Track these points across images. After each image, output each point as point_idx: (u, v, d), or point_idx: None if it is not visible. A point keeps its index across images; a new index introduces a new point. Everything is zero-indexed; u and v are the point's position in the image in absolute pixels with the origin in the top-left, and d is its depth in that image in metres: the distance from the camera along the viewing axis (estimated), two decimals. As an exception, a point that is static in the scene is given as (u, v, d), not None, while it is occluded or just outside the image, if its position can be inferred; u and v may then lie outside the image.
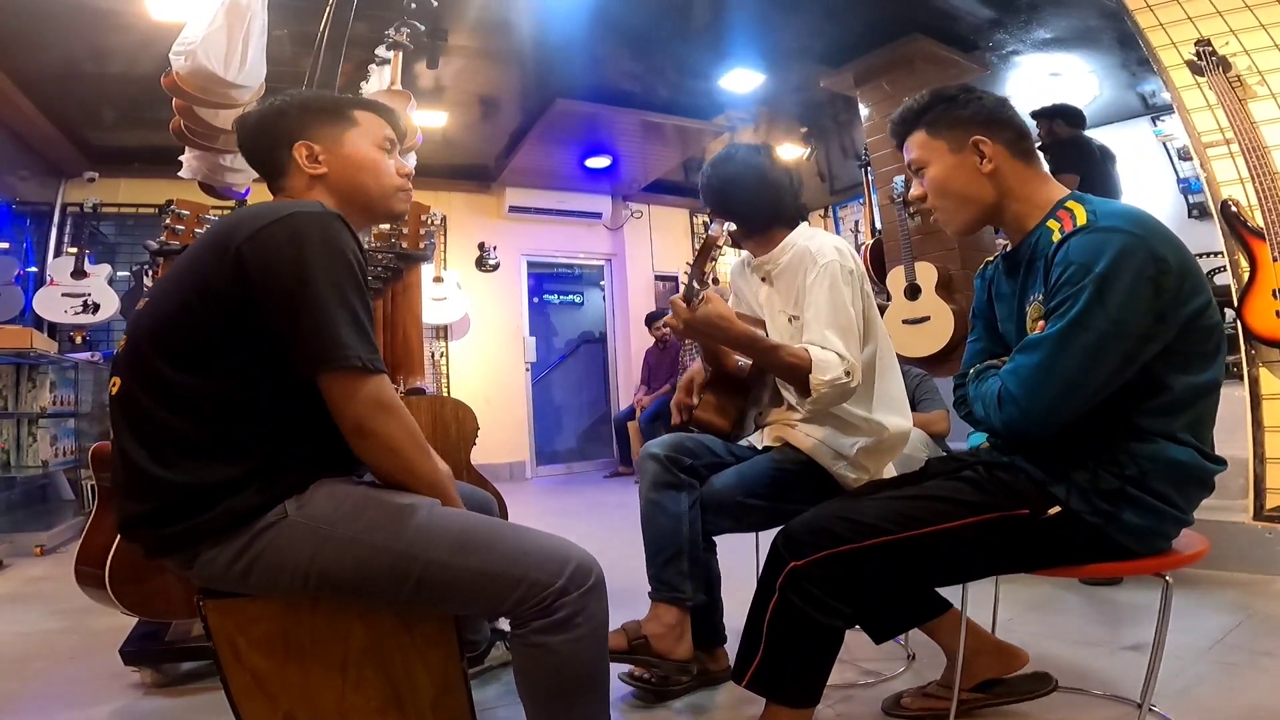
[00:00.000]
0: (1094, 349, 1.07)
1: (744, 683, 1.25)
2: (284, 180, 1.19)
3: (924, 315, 4.01)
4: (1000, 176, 1.25)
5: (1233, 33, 2.57)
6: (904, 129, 1.33)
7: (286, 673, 1.05)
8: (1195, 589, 2.18)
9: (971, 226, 1.30)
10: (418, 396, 2.19)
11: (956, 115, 1.27)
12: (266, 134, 1.20)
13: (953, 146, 1.26)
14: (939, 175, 1.28)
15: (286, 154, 1.18)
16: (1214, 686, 1.55)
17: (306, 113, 1.20)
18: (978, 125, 1.25)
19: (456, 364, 6.30)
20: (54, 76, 4.09)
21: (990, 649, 1.49)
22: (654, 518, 1.63)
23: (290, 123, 1.19)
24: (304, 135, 1.18)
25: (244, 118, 1.24)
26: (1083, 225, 1.12)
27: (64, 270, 4.78)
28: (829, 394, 1.47)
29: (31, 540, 3.51)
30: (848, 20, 4.11)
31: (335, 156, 1.19)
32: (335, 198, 1.18)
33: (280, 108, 1.20)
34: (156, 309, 1.05)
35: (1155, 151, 5.18)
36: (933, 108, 1.29)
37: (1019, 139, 1.26)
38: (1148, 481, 1.11)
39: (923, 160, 1.30)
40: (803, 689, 1.22)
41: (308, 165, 1.17)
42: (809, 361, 1.47)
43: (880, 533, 1.17)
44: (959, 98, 1.28)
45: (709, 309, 1.45)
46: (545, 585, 1.00)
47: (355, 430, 1.01)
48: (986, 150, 1.24)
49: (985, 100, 1.27)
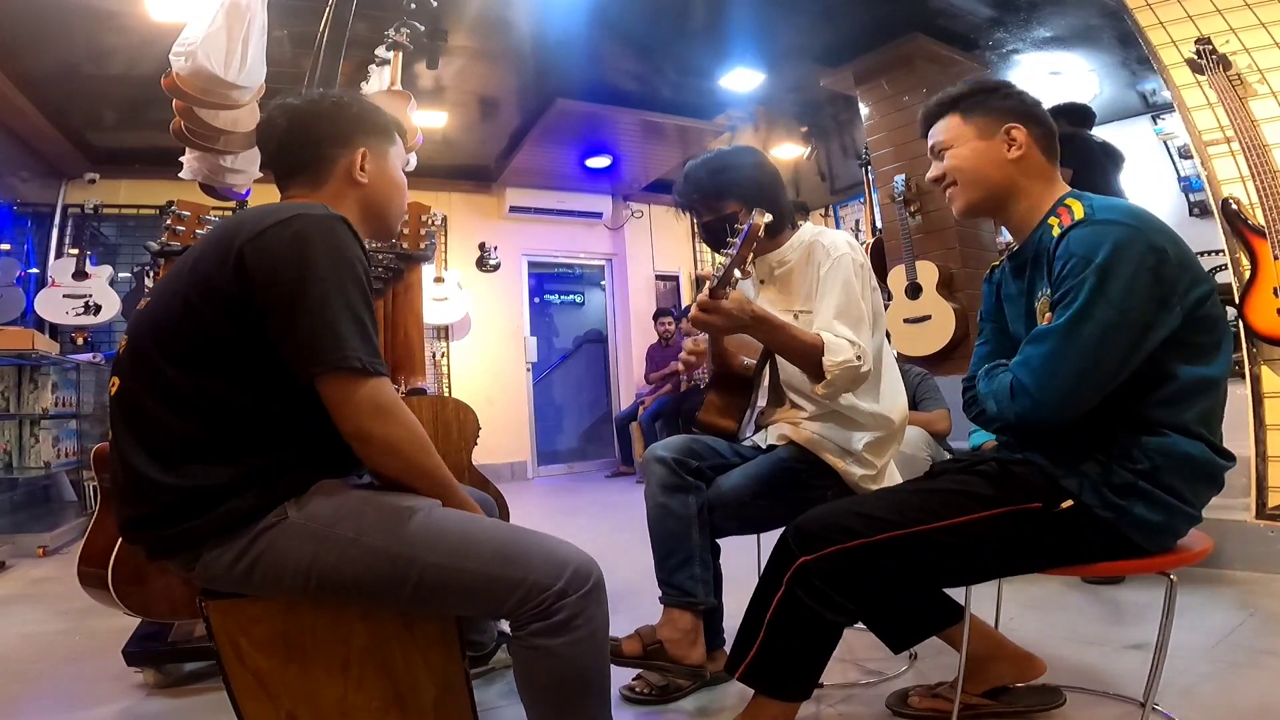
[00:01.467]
0: (1100, 337, 1.09)
1: (737, 675, 1.25)
2: (315, 179, 1.16)
3: (925, 314, 4.01)
4: (1024, 165, 1.28)
5: (1232, 31, 2.57)
6: (939, 111, 1.35)
7: (288, 673, 1.05)
8: (1198, 587, 2.18)
9: (977, 208, 1.32)
10: (419, 397, 2.20)
11: (994, 105, 1.30)
12: (326, 126, 1.16)
13: (982, 132, 1.29)
14: (963, 154, 1.30)
15: (337, 153, 1.16)
16: (1217, 685, 1.54)
17: (368, 118, 1.20)
18: (1015, 115, 1.29)
19: (458, 364, 6.30)
20: (55, 78, 4.09)
21: (1009, 656, 1.48)
22: (663, 521, 1.63)
23: (355, 123, 1.18)
24: (364, 140, 1.18)
25: (291, 105, 1.18)
26: (1081, 219, 1.15)
27: (65, 271, 4.78)
28: (841, 376, 1.47)
29: (34, 541, 3.51)
30: (848, 19, 4.11)
31: (380, 171, 1.20)
32: (360, 209, 1.19)
33: (347, 104, 1.18)
34: (158, 309, 1.05)
35: (1156, 150, 5.18)
36: (973, 95, 1.32)
37: (1047, 136, 1.30)
38: (1160, 476, 1.12)
39: (949, 142, 1.32)
40: (796, 684, 1.23)
41: (358, 173, 1.17)
42: (823, 347, 1.48)
43: (892, 526, 1.17)
44: (1000, 89, 1.32)
45: (735, 299, 1.43)
46: (544, 588, 1.00)
47: (355, 435, 1.01)
48: (1019, 138, 1.27)
49: (1025, 96, 1.32)
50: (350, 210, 1.15)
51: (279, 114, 1.18)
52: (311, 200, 1.14)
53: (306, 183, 1.17)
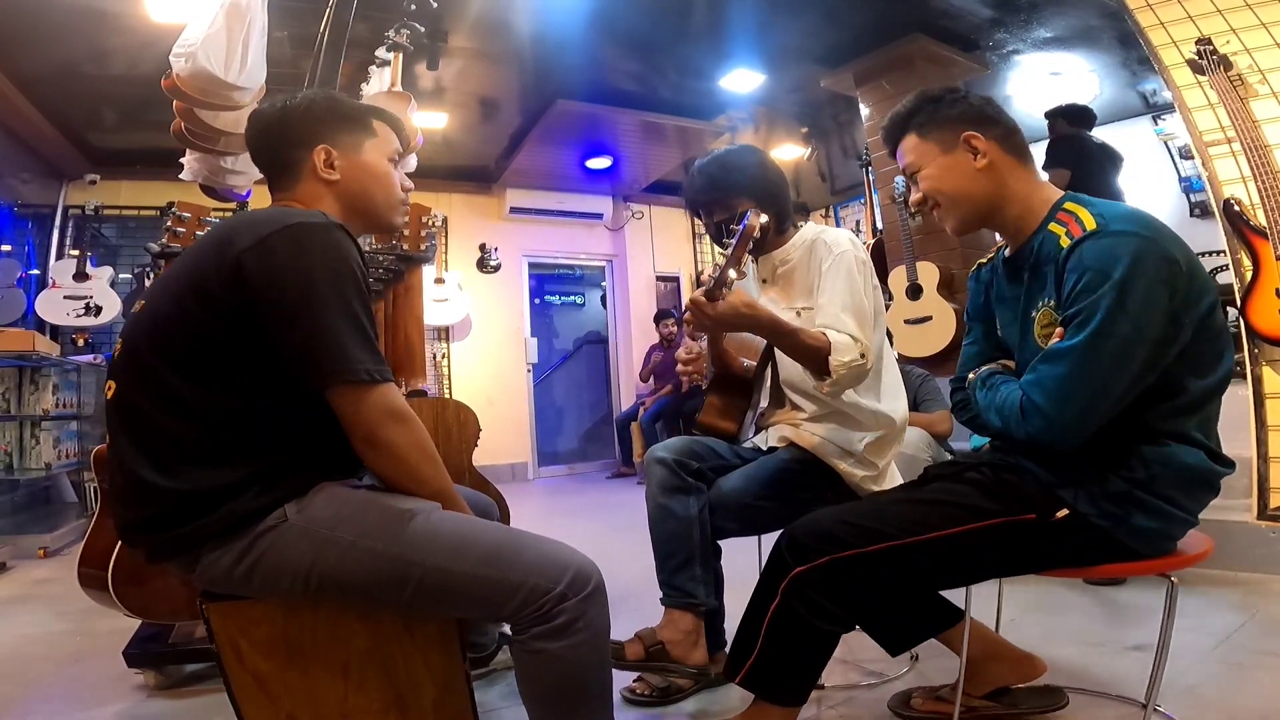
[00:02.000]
0: (1119, 356, 1.06)
1: (737, 680, 1.25)
2: (290, 181, 1.17)
3: (926, 315, 4.01)
4: (996, 172, 1.24)
5: (1233, 31, 2.57)
6: (895, 134, 1.33)
7: (289, 675, 1.05)
8: (1199, 588, 2.17)
9: (969, 225, 1.29)
10: (419, 398, 2.19)
11: (945, 115, 1.27)
12: (287, 131, 1.17)
13: (944, 147, 1.26)
14: (934, 176, 1.27)
15: (303, 155, 1.16)
16: (1219, 686, 1.54)
17: (332, 115, 1.19)
18: (967, 122, 1.25)
19: (458, 365, 6.31)
20: (55, 78, 4.09)
21: (1009, 657, 1.47)
22: (663, 522, 1.62)
23: (314, 123, 1.17)
24: (326, 138, 1.17)
25: (261, 112, 1.20)
26: (1094, 230, 1.11)
27: (66, 273, 4.79)
28: (847, 375, 1.47)
29: (35, 543, 3.52)
30: (848, 20, 4.11)
31: (351, 165, 1.18)
32: (340, 205, 1.17)
33: (306, 106, 1.18)
34: (155, 313, 1.04)
35: (1156, 150, 5.18)
36: (920, 110, 1.29)
37: (1009, 134, 1.26)
38: (1156, 485, 1.11)
39: (916, 164, 1.30)
40: (794, 689, 1.23)
41: (324, 170, 1.16)
42: (828, 344, 1.47)
43: (884, 537, 1.16)
44: (944, 98, 1.28)
45: (733, 299, 1.43)
46: (544, 591, 1.00)
47: (365, 440, 1.02)
48: (979, 145, 1.24)
49: (971, 99, 1.28)
50: (331, 208, 1.15)
51: (249, 122, 1.21)
52: (292, 202, 1.15)
53: (284, 186, 1.18)
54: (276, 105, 1.19)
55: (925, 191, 1.29)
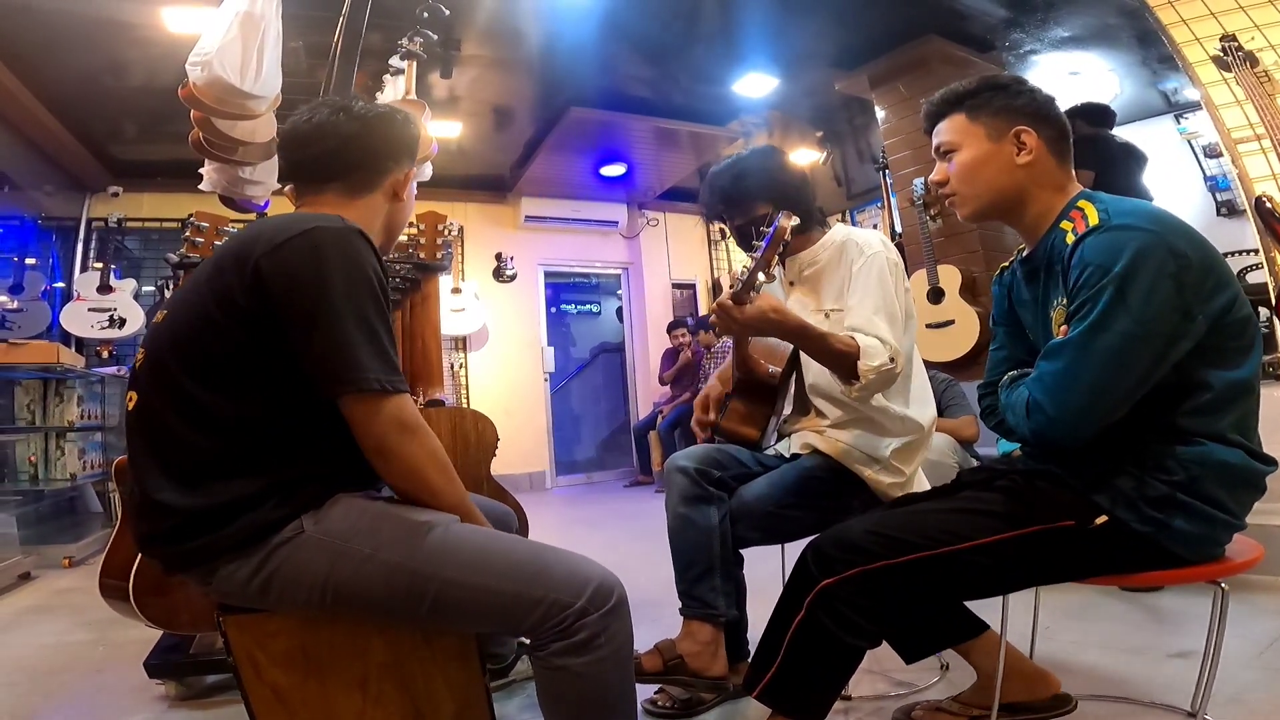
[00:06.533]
0: (1119, 351, 1.03)
1: (755, 693, 1.22)
2: (355, 188, 1.16)
3: (948, 319, 3.96)
4: (1033, 171, 1.21)
5: (1257, 28, 2.52)
6: (944, 109, 1.28)
7: (306, 688, 1.04)
8: (1240, 593, 2.10)
9: (984, 215, 1.26)
10: (437, 408, 2.19)
11: (1003, 103, 1.23)
12: (386, 138, 1.17)
13: (991, 134, 1.23)
14: (970, 159, 1.24)
15: (390, 166, 1.18)
16: (1265, 693, 1.49)
17: (415, 139, 1.22)
18: (1025, 117, 1.22)
19: (475, 375, 6.31)
20: (76, 91, 4.15)
21: (1026, 674, 1.44)
22: (683, 532, 1.60)
23: (410, 141, 1.20)
24: (409, 161, 1.20)
25: (363, 110, 1.17)
26: (1096, 225, 1.09)
27: (90, 285, 4.86)
28: (876, 380, 1.44)
29: (60, 552, 3.56)
30: (861, 22, 4.09)
31: (406, 190, 1.22)
32: (384, 223, 1.20)
33: (405, 119, 1.20)
34: (176, 322, 1.04)
35: (1180, 149, 5.08)
36: (980, 93, 1.25)
37: (1060, 138, 1.23)
38: (1198, 486, 1.06)
39: (955, 144, 1.26)
40: (815, 705, 1.19)
41: (400, 190, 1.19)
42: (857, 349, 1.44)
43: (915, 548, 1.13)
44: (1010, 86, 1.24)
45: (761, 303, 1.41)
46: (565, 606, 0.98)
47: (376, 451, 1.00)
48: (1029, 142, 1.21)
49: (1037, 94, 1.24)
50: (375, 223, 1.17)
51: (346, 119, 1.15)
52: (340, 210, 1.12)
53: (344, 190, 1.15)
54: (377, 111, 1.18)
55: (954, 175, 1.25)
